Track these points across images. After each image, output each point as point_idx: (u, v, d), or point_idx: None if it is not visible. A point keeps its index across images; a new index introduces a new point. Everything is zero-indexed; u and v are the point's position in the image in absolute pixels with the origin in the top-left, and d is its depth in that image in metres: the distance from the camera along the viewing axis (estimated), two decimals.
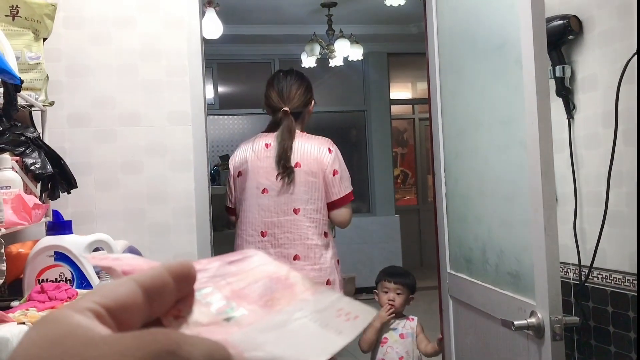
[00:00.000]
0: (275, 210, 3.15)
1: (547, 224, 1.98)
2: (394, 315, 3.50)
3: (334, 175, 3.23)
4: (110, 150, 3.01)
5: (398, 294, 3.52)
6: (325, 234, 3.27)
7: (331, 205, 3.27)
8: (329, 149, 3.24)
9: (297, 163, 3.17)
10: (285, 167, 3.13)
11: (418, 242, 10.92)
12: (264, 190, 3.16)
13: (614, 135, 2.45)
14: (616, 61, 2.48)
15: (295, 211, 3.15)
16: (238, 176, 3.26)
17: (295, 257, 3.13)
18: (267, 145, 3.21)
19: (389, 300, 3.51)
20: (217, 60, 8.85)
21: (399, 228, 9.37)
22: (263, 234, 3.16)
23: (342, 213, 3.31)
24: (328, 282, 3.15)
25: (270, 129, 3.30)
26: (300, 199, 3.16)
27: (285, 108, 3.24)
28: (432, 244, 3.11)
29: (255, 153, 3.21)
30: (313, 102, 3.40)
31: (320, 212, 3.23)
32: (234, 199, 3.32)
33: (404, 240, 9.47)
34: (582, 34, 2.68)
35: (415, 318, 3.55)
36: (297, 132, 3.24)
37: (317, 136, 3.30)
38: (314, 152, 3.21)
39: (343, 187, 3.27)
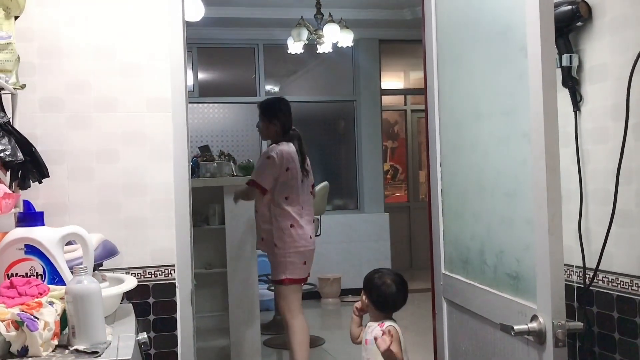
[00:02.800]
0: (305, 192, 5.17)
1: (551, 223, 1.98)
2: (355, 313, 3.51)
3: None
4: (84, 137, 2.98)
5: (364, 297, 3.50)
6: None
7: None
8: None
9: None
10: (306, 169, 5.17)
11: (408, 241, 10.93)
12: (301, 179, 5.10)
13: (624, 129, 2.44)
14: (628, 50, 2.47)
15: (312, 193, 5.32)
16: (286, 170, 5.00)
17: (314, 220, 5.29)
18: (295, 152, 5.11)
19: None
20: (197, 44, 8.83)
21: (389, 226, 9.37)
22: (302, 208, 5.11)
23: None
24: None
25: (288, 140, 5.15)
26: (310, 183, 5.27)
27: (294, 127, 5.24)
28: (423, 244, 3.13)
29: (295, 158, 5.07)
30: None
31: None
32: (272, 184, 5.02)
33: (393, 239, 9.48)
34: (591, 20, 2.67)
35: (386, 324, 3.41)
36: None
37: None
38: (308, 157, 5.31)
39: None
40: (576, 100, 2.74)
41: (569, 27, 2.70)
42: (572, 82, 2.73)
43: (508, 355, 2.29)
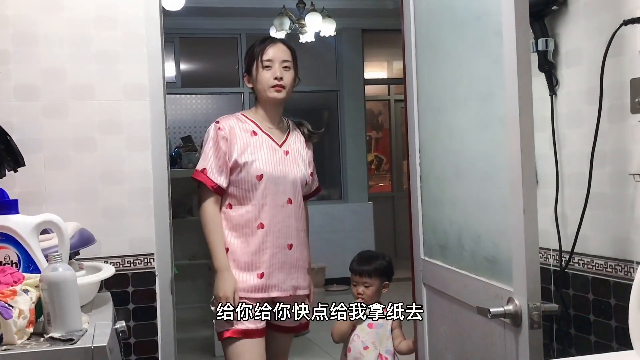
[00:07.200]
0: None
1: (526, 205, 1.98)
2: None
3: None
4: (61, 125, 2.96)
5: (366, 286, 3.51)
6: None
7: None
8: None
9: None
10: None
11: (392, 231, 10.94)
12: None
13: (598, 113, 2.46)
14: (602, 34, 2.48)
15: None
16: None
17: None
18: None
19: (358, 294, 3.51)
20: (179, 34, 8.77)
21: (372, 216, 9.39)
22: None
23: None
24: None
25: None
26: None
27: None
28: (406, 234, 3.11)
29: None
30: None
31: None
32: None
33: (377, 229, 9.50)
34: (566, 4, 2.68)
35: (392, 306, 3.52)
36: None
37: None
38: None
39: None
40: (552, 85, 2.75)
41: (544, 12, 2.71)
42: (548, 66, 2.75)
43: (486, 338, 2.29)
